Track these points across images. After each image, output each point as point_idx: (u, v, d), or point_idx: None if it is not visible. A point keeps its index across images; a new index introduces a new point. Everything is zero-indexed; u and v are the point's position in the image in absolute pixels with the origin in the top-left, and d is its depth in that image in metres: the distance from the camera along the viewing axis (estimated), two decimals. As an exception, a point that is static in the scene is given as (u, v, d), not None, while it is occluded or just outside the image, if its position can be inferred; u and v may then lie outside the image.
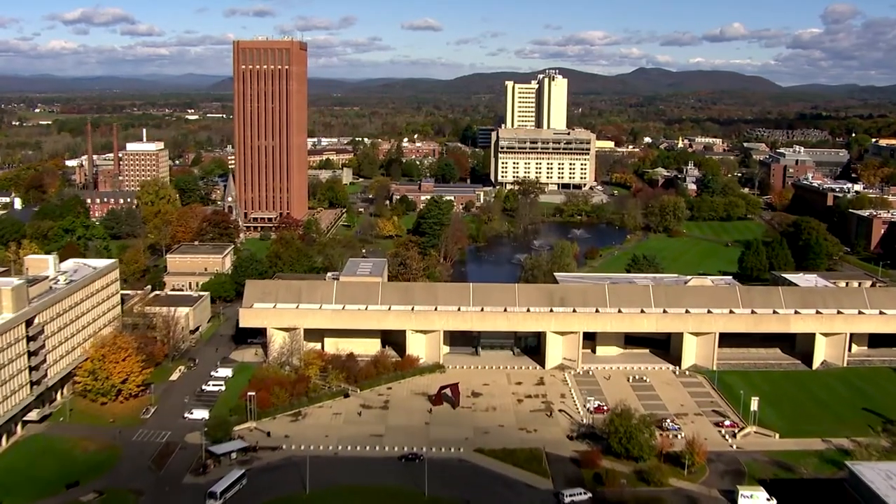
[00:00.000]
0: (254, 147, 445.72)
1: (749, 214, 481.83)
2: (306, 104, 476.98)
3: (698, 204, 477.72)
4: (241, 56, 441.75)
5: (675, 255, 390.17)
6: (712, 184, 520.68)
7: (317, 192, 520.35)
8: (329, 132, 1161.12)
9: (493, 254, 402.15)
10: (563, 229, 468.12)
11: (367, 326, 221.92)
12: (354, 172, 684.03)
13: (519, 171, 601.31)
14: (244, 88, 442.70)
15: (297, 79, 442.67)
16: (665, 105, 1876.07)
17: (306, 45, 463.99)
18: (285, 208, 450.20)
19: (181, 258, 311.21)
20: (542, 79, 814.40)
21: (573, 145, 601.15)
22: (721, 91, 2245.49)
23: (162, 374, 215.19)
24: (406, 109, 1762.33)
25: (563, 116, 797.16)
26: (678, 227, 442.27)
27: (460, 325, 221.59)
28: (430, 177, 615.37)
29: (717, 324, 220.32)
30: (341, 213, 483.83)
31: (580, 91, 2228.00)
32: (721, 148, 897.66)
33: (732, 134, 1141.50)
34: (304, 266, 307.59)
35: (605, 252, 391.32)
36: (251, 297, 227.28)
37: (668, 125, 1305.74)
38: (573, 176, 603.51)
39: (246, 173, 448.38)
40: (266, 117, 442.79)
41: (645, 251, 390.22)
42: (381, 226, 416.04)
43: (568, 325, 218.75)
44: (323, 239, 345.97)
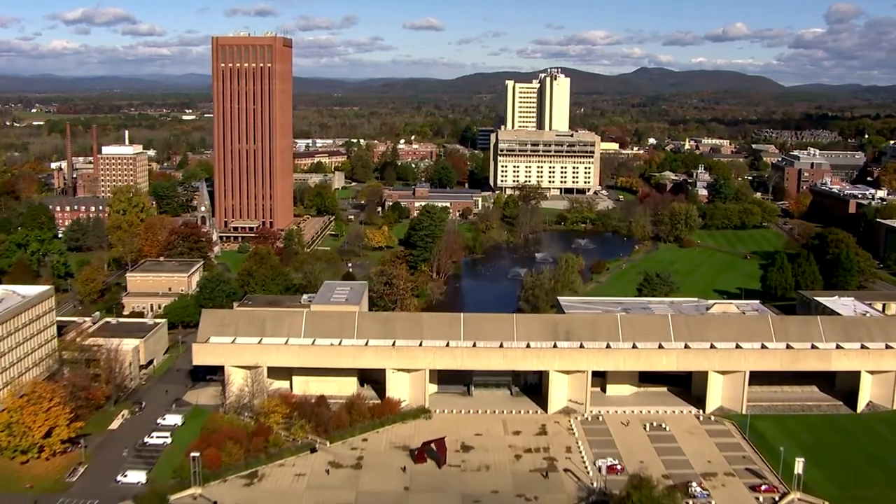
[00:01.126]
0: (234, 151, 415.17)
1: (765, 222, 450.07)
2: (291, 105, 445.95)
3: (711, 211, 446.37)
4: (219, 53, 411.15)
5: (688, 268, 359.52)
6: (724, 189, 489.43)
7: (304, 199, 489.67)
8: (325, 133, 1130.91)
9: (491, 266, 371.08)
10: (566, 238, 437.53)
11: (341, 365, 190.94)
12: (347, 176, 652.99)
13: (519, 175, 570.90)
14: (223, 88, 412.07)
15: (280, 77, 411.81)
16: (668, 105, 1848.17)
17: (291, 41, 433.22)
18: (268, 217, 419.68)
19: (142, 277, 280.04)
20: (544, 78, 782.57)
21: (576, 148, 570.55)
22: (724, 91, 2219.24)
23: (101, 421, 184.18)
24: (406, 110, 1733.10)
25: (565, 117, 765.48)
26: (690, 237, 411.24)
27: (449, 363, 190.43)
28: (425, 181, 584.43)
29: (748, 361, 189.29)
30: (329, 222, 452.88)
31: (582, 91, 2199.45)
32: (729, 149, 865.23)
33: (739, 135, 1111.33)
34: (280, 285, 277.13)
35: (613, 265, 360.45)
36: (207, 329, 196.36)
37: (672, 126, 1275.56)
38: (577, 180, 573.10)
39: (226, 179, 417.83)
40: (247, 119, 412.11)
41: (655, 264, 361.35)
42: (369, 236, 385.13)
43: (574, 362, 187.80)
44: (302, 255, 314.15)
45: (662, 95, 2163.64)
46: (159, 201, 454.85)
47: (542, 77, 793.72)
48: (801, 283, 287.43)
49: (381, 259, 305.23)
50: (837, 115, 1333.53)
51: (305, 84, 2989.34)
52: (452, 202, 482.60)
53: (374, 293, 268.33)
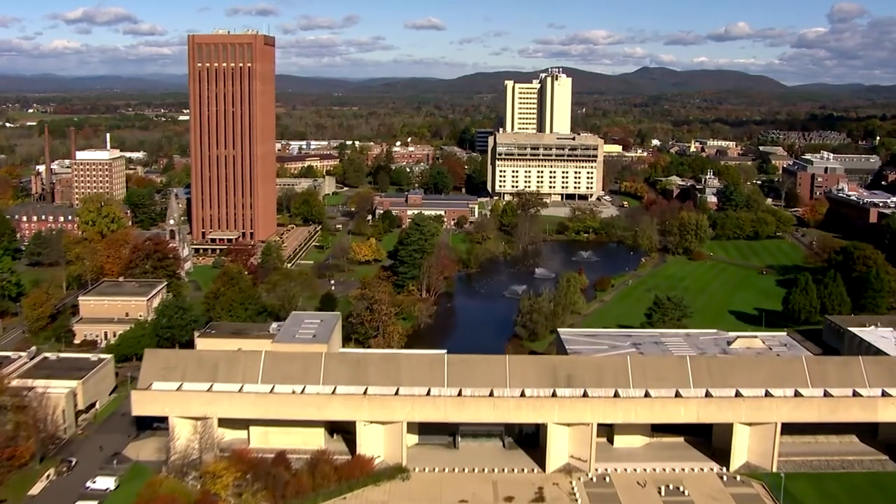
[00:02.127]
0: (212, 157, 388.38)
1: (779, 232, 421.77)
2: (273, 107, 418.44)
3: (722, 220, 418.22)
4: (196, 52, 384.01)
5: (699, 284, 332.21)
6: (735, 196, 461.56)
7: (290, 206, 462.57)
8: (321, 134, 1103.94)
9: (487, 283, 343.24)
10: (567, 249, 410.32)
11: (304, 416, 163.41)
12: (339, 181, 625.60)
13: (518, 181, 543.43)
14: (200, 89, 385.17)
15: (261, 78, 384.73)
16: (670, 105, 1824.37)
17: (273, 39, 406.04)
18: (248, 227, 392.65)
19: (96, 300, 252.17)
20: (545, 78, 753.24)
21: (578, 152, 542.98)
22: (726, 91, 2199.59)
23: (22, 483, 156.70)
24: (405, 110, 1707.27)
25: (567, 119, 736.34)
26: (700, 249, 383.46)
27: (430, 414, 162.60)
28: (418, 187, 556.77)
29: (780, 411, 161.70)
30: (315, 231, 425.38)
31: (583, 90, 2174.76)
32: (735, 151, 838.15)
33: (744, 136, 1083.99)
34: (251, 310, 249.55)
35: (618, 281, 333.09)
36: (150, 372, 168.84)
37: (675, 126, 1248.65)
38: (579, 185, 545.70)
39: (203, 187, 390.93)
40: (226, 123, 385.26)
41: (663, 279, 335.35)
42: (355, 250, 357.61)
43: (577, 413, 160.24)
44: (275, 274, 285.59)
45: (665, 95, 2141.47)
46: (134, 211, 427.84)
47: (542, 77, 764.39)
48: (828, 306, 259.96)
49: (364, 279, 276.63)
50: (843, 116, 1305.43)
51: (306, 84, 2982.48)
52: (447, 210, 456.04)
53: (354, 319, 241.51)
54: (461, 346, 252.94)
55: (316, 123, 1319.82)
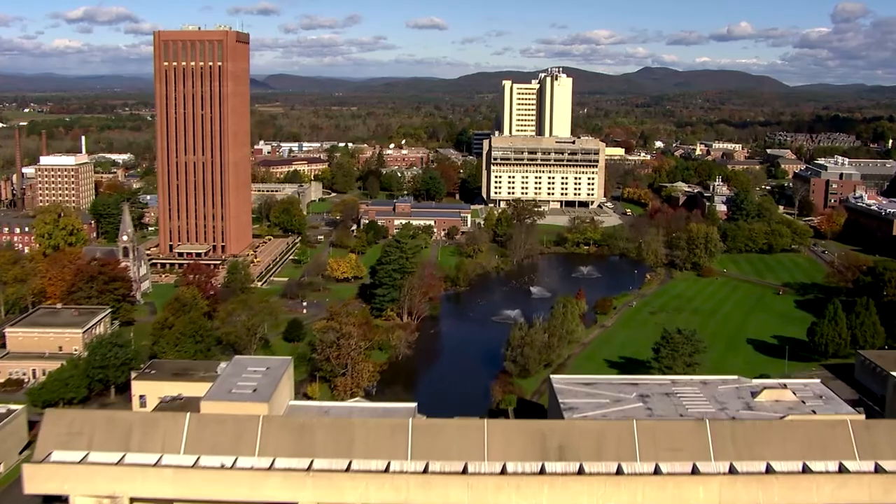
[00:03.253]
0: (179, 164, 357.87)
1: (795, 245, 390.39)
2: (248, 110, 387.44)
3: (733, 232, 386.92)
4: (162, 50, 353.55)
5: (710, 305, 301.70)
6: (746, 205, 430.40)
7: (270, 215, 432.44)
8: (316, 136, 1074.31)
9: (476, 304, 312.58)
10: (566, 264, 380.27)
11: (234, 496, 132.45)
12: (326, 186, 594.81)
13: (515, 187, 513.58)
14: (167, 90, 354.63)
15: (233, 78, 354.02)
16: (673, 105, 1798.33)
17: (247, 36, 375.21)
18: (219, 240, 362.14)
19: (25, 332, 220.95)
20: (544, 78, 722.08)
21: (578, 156, 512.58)
22: (729, 91, 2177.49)
23: None
24: (405, 110, 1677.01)
25: (567, 121, 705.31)
26: (711, 265, 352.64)
27: (389, 495, 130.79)
28: (406, 195, 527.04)
29: (822, 492, 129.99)
30: (294, 243, 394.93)
31: (585, 90, 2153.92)
32: (742, 154, 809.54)
33: (749, 137, 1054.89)
34: (204, 343, 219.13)
35: (621, 301, 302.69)
36: (50, 439, 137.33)
37: (679, 128, 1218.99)
38: (579, 192, 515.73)
39: (171, 197, 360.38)
40: (194, 127, 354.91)
41: (671, 300, 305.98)
42: (332, 266, 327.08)
43: (571, 496, 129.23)
44: (230, 304, 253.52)
45: (667, 95, 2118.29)
46: (99, 221, 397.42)
47: (541, 77, 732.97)
48: (859, 338, 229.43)
49: (331, 307, 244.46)
50: (849, 117, 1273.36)
51: (307, 83, 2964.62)
52: (437, 220, 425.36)
53: (319, 355, 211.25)
54: (441, 384, 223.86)
55: (311, 124, 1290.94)
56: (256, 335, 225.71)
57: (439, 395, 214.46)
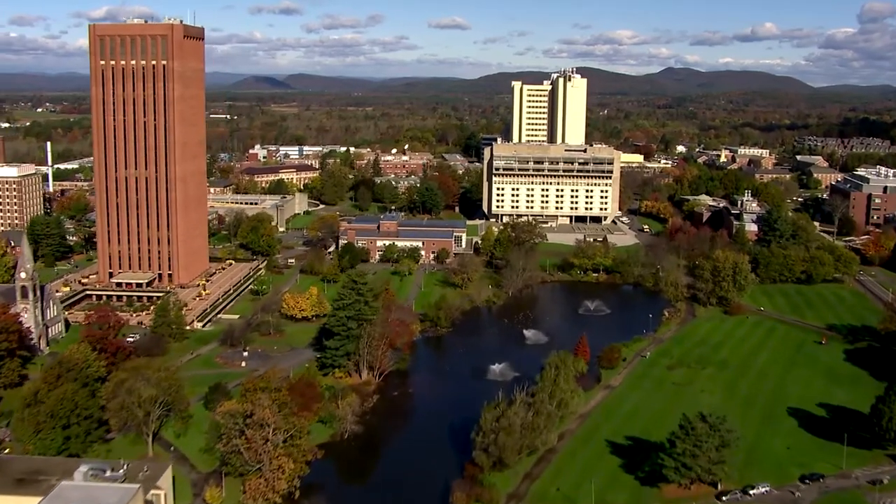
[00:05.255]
0: (119, 179, 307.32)
1: (838, 273, 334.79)
2: (203, 116, 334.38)
3: (766, 259, 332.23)
4: (98, 47, 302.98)
5: (740, 355, 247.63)
6: (780, 225, 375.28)
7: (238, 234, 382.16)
8: (321, 139, 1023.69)
9: (458, 351, 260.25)
10: (571, 296, 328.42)
11: None
12: (315, 196, 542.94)
13: (519, 201, 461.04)
14: (104, 94, 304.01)
15: (182, 80, 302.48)
16: (696, 106, 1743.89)
17: (201, 30, 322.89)
18: (165, 267, 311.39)
19: None
20: (557, 79, 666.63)
21: (590, 166, 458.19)
22: (753, 92, 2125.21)
23: None
24: (420, 111, 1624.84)
25: (581, 126, 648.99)
26: (739, 299, 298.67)
27: None
28: (394, 210, 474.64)
29: None
30: (258, 269, 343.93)
31: (607, 91, 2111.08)
32: (769, 161, 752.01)
33: (776, 142, 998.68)
34: (81, 428, 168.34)
35: (632, 349, 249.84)
36: None
37: (702, 131, 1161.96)
38: (591, 206, 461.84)
39: (110, 217, 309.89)
40: (135, 136, 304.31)
41: (692, 346, 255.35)
42: (288, 303, 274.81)
43: None
44: (119, 373, 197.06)
45: (689, 96, 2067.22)
46: (38, 243, 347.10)
47: (554, 78, 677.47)
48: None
49: (247, 383, 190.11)
50: (878, 120, 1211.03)
51: (328, 83, 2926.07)
52: (426, 241, 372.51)
53: (224, 447, 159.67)
54: (388, 479, 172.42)
55: (319, 127, 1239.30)
56: (152, 415, 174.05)
57: (380, 501, 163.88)
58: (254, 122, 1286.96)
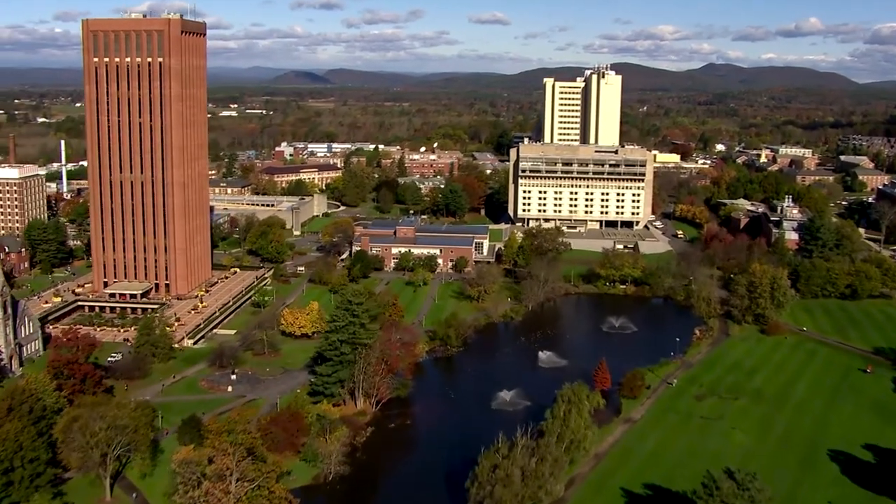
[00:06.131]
0: (114, 183, 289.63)
1: (886, 289, 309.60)
2: (205, 116, 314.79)
3: (807, 272, 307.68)
4: (91, 42, 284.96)
5: (776, 384, 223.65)
6: (823, 233, 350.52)
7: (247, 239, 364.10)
8: (352, 136, 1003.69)
9: (466, 375, 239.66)
10: (595, 311, 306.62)
11: None
12: (336, 198, 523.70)
13: (547, 204, 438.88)
14: (98, 92, 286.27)
15: (180, 78, 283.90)
16: (737, 103, 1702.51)
17: (202, 25, 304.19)
18: (162, 277, 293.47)
19: None
20: (590, 76, 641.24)
21: (622, 169, 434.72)
22: (796, 88, 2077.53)
23: None
24: (458, 107, 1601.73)
25: (615, 125, 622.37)
26: (778, 318, 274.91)
27: None
28: (413, 213, 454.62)
29: None
30: (263, 278, 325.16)
31: (647, 87, 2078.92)
32: (812, 162, 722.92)
33: (819, 140, 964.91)
34: (26, 471, 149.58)
35: (657, 376, 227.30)
36: None
37: (743, 129, 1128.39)
38: (622, 210, 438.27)
39: (105, 223, 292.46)
40: (130, 138, 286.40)
41: (724, 372, 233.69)
42: (286, 319, 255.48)
43: None
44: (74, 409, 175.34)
45: (731, 93, 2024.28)
46: (35, 248, 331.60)
47: (587, 74, 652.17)
48: None
49: (210, 424, 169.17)
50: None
51: (368, 78, 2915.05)
52: (443, 248, 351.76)
53: (182, 500, 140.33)
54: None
55: (351, 123, 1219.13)
56: (109, 457, 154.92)
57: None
58: (287, 118, 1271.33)
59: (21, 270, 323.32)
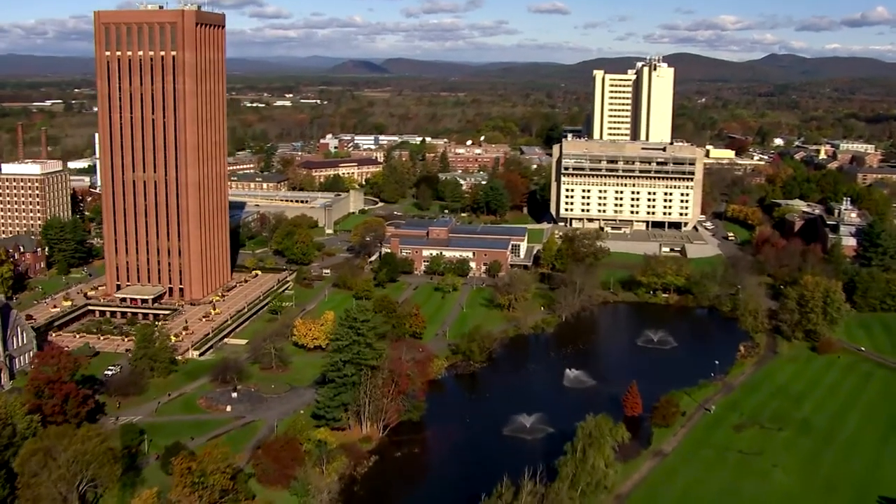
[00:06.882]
0: (126, 183, 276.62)
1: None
2: (224, 112, 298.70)
3: (864, 283, 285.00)
4: (104, 35, 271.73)
5: (826, 411, 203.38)
6: (883, 240, 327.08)
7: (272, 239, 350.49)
8: (402, 127, 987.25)
9: (487, 394, 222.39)
10: (634, 322, 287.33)
11: None
12: (375, 194, 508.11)
13: (590, 203, 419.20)
14: (110, 88, 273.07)
15: (193, 72, 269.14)
16: (798, 95, 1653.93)
17: (221, 17, 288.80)
18: (176, 281, 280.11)
19: None
20: (641, 68, 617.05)
21: (670, 167, 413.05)
22: (860, 79, 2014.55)
23: None
24: (513, 97, 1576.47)
25: (667, 120, 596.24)
26: (831, 334, 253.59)
27: None
28: (448, 213, 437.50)
29: None
30: (285, 281, 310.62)
31: (707, 78, 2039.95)
32: (875, 158, 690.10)
33: (883, 134, 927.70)
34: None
35: (695, 400, 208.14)
36: None
37: (803, 122, 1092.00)
38: (669, 211, 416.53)
39: (117, 225, 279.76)
40: (143, 136, 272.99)
41: (768, 397, 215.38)
42: (299, 330, 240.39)
43: None
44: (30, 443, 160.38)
45: (792, 84, 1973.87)
46: (52, 248, 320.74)
47: (639, 67, 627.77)
48: None
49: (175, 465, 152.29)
50: None
51: (426, 67, 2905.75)
52: (476, 251, 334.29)
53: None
54: None
55: (402, 114, 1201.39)
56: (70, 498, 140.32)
57: None
58: (339, 109, 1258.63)
59: (37, 271, 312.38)
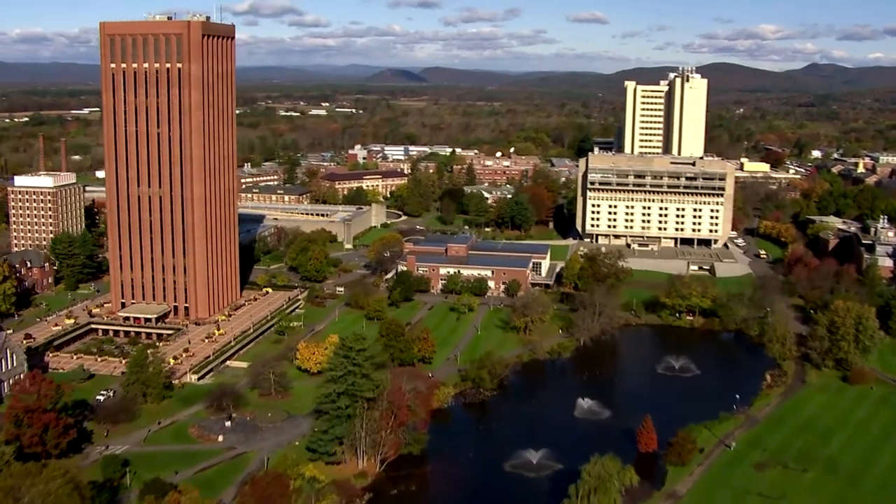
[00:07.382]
0: (132, 198, 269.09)
1: None
2: (233, 126, 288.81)
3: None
4: (108, 47, 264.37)
5: (857, 449, 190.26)
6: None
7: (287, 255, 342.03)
8: (434, 137, 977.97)
9: (496, 425, 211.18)
10: (655, 346, 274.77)
11: None
12: (399, 207, 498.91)
13: (617, 219, 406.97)
14: (115, 101, 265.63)
15: (201, 85, 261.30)
16: (839, 105, 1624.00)
17: (230, 28, 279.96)
18: (182, 299, 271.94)
19: None
20: (674, 79, 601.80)
21: (699, 182, 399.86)
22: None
23: None
24: (549, 107, 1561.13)
25: (699, 133, 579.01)
26: (863, 363, 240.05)
27: None
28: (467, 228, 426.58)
29: None
30: (296, 299, 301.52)
31: (746, 88, 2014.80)
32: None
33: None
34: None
35: (715, 435, 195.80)
36: None
37: (843, 133, 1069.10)
38: (699, 227, 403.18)
39: (122, 241, 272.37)
40: (148, 149, 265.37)
41: (793, 432, 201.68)
42: (302, 354, 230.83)
43: None
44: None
45: (833, 94, 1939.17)
46: (61, 263, 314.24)
47: (671, 78, 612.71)
48: None
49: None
50: None
51: (464, 77, 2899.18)
52: (496, 269, 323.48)
53: None
54: None
55: (435, 125, 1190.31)
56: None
57: None
58: (373, 118, 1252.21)
59: (44, 287, 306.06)
